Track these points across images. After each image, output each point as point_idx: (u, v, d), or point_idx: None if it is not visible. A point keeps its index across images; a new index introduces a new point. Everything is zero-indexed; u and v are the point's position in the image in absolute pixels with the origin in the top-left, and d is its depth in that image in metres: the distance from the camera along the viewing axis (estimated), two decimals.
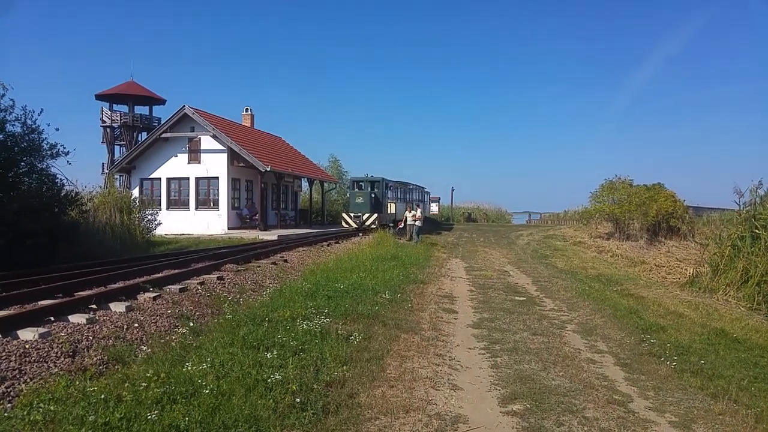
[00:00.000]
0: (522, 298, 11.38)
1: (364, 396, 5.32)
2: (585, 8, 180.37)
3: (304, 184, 39.77)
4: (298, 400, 4.90)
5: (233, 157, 28.44)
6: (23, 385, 5.06)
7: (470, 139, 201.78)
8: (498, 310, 10.00)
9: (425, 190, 45.93)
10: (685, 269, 16.66)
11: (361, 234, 26.46)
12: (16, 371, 5.28)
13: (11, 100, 14.46)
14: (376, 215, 28.42)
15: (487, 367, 6.57)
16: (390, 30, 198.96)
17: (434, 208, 55.66)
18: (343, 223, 29.26)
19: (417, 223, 25.16)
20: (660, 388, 6.00)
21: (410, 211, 26.26)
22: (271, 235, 24.52)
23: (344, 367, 6.01)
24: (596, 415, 5.08)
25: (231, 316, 8.13)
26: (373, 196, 29.12)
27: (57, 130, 15.30)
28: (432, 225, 40.11)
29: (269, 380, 5.22)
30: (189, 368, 5.50)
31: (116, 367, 5.86)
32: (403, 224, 27.16)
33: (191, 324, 7.77)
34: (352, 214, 28.77)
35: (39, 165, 14.54)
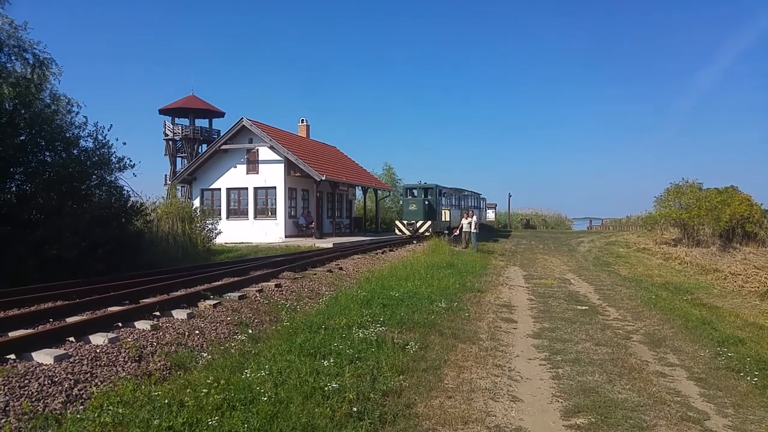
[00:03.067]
0: (584, 307, 10.99)
1: (421, 406, 5.23)
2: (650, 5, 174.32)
3: (359, 193, 40.08)
4: (355, 409, 4.87)
5: (290, 167, 29.01)
6: (94, 388, 5.25)
7: (528, 144, 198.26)
8: (559, 320, 9.68)
9: (481, 196, 45.02)
10: (765, 278, 15.66)
11: (415, 242, 26.23)
12: (88, 374, 5.49)
13: (84, 117, 15.31)
14: (429, 222, 28.02)
15: (548, 378, 6.34)
16: (443, 32, 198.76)
17: (491, 214, 54.84)
18: (397, 231, 29.12)
19: (473, 230, 24.81)
20: (740, 405, 5.61)
21: (466, 218, 25.92)
22: (327, 243, 24.79)
23: (401, 377, 5.94)
24: None
25: (288, 324, 8.22)
26: (426, 203, 28.73)
27: (124, 144, 16.14)
28: (489, 232, 39.53)
29: (326, 388, 5.21)
30: (248, 375, 5.57)
31: (178, 372, 6.01)
32: (458, 231, 26.79)
33: (250, 331, 7.90)
34: (405, 222, 28.53)
35: (108, 178, 15.29)
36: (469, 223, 25.04)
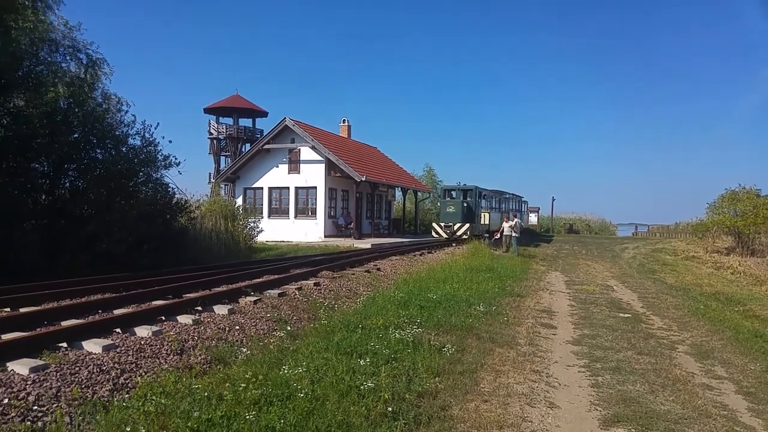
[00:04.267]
0: (627, 315, 10.70)
1: (456, 409, 5.20)
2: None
3: (398, 194, 40.10)
4: (390, 408, 4.88)
5: (330, 167, 29.29)
6: (138, 378, 5.43)
7: (571, 147, 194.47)
8: (600, 327, 9.46)
9: (522, 199, 44.20)
10: None
11: (454, 244, 25.96)
12: (133, 365, 5.68)
13: (133, 115, 15.83)
14: (468, 225, 27.41)
15: (587, 386, 6.20)
16: (487, 41, 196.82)
17: (533, 218, 54.02)
18: (433, 233, 28.59)
19: (514, 233, 24.45)
20: None
21: (507, 221, 25.57)
22: (365, 244, 24.90)
23: (437, 379, 5.92)
24: None
25: (326, 322, 8.31)
26: (465, 205, 28.10)
27: (170, 142, 16.56)
28: (530, 236, 38.92)
29: (362, 387, 5.24)
30: (285, 371, 5.65)
31: (218, 366, 6.16)
32: (499, 235, 26.37)
33: (288, 328, 8.02)
34: (442, 224, 27.97)
35: (154, 175, 15.74)
36: (510, 227, 24.70)
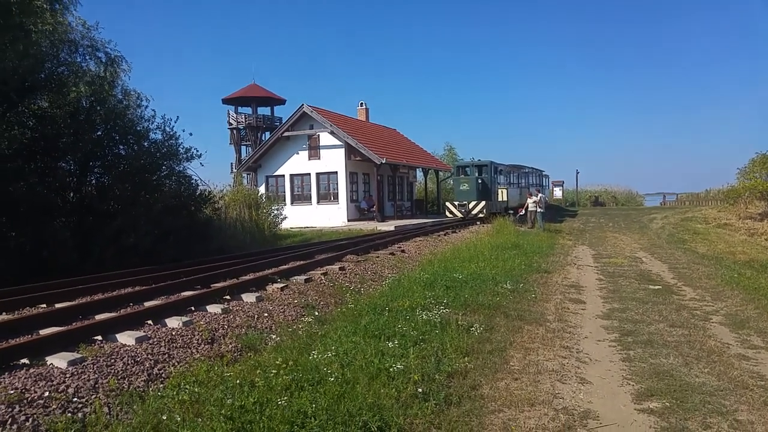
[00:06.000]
0: (657, 287, 10.53)
1: (487, 388, 5.19)
2: None
3: (419, 174, 39.96)
4: (420, 390, 4.89)
5: (350, 151, 29.29)
6: (172, 368, 5.54)
7: (595, 118, 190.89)
8: (630, 300, 9.32)
9: (543, 173, 42.84)
10: None
11: (479, 223, 25.67)
12: (166, 355, 5.80)
13: (153, 110, 16.02)
14: (483, 203, 26.11)
15: (618, 360, 6.13)
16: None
17: (558, 192, 53.33)
18: (447, 213, 27.38)
19: (539, 209, 24.19)
20: None
21: (531, 197, 25.28)
22: (388, 226, 24.92)
23: (466, 359, 5.91)
24: (751, 419, 4.51)
25: (353, 306, 8.35)
26: (480, 181, 26.75)
27: (191, 134, 16.74)
28: (555, 211, 38.43)
29: (391, 369, 5.26)
30: (315, 356, 5.70)
31: (249, 354, 6.24)
32: (524, 211, 26.03)
33: (316, 313, 8.09)
34: (456, 203, 26.76)
35: (177, 168, 15.95)
36: (535, 202, 24.43)
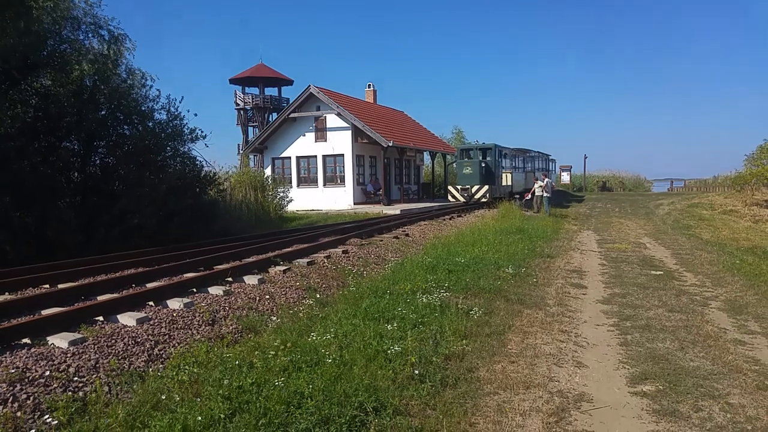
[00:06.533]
0: (659, 272, 10.52)
1: (483, 370, 5.24)
2: None
3: (426, 158, 39.81)
4: (417, 371, 4.94)
5: (357, 133, 29.16)
6: (172, 349, 5.61)
7: (603, 103, 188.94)
8: (631, 285, 9.33)
9: (550, 157, 42.09)
10: None
11: (484, 207, 25.57)
12: (167, 336, 5.87)
13: (158, 90, 15.98)
14: (487, 187, 25.48)
15: (615, 344, 6.16)
16: None
17: (566, 177, 53.05)
18: (449, 197, 26.75)
19: (545, 193, 24.10)
20: None
21: (538, 182, 25.16)
22: (394, 210, 24.92)
23: (464, 341, 5.95)
24: (742, 402, 4.54)
25: (354, 289, 8.40)
26: (483, 165, 26.01)
27: (195, 115, 16.78)
28: (562, 195, 38.25)
29: (389, 351, 5.31)
30: (314, 338, 5.76)
31: (249, 335, 6.31)
32: (530, 195, 25.89)
33: (317, 296, 8.14)
34: (459, 187, 26.04)
35: (181, 149, 15.96)
36: (541, 187, 24.34)
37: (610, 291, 8.96)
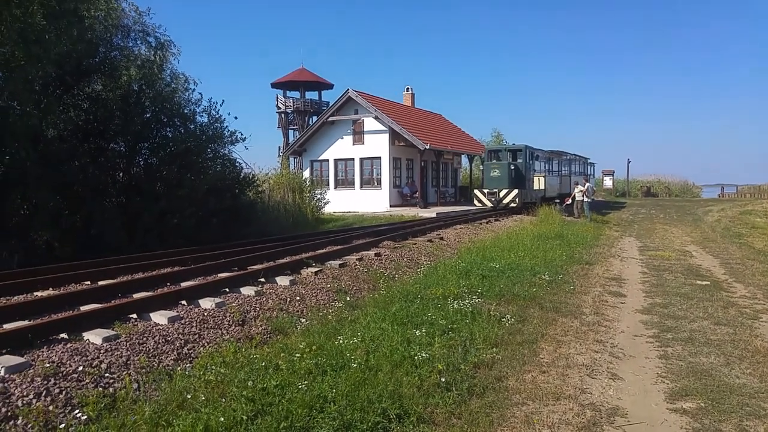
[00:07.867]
0: (705, 283, 10.07)
1: (512, 380, 5.10)
2: None
3: (464, 161, 39.45)
4: (443, 379, 4.84)
5: (394, 136, 29.16)
6: (201, 349, 5.67)
7: (648, 107, 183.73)
8: (673, 295, 8.96)
9: (589, 161, 39.75)
10: None
11: (524, 212, 24.71)
12: (196, 335, 5.94)
13: (200, 93, 16.35)
14: (516, 191, 23.54)
15: (654, 357, 5.90)
16: None
17: (608, 182, 51.75)
18: (475, 202, 24.97)
19: (586, 198, 23.53)
20: None
21: (578, 186, 24.59)
22: (430, 213, 24.76)
23: (494, 350, 5.82)
24: None
25: (385, 292, 8.35)
26: (512, 167, 24.21)
27: (236, 118, 17.02)
28: (603, 204, 37.21)
29: (416, 358, 5.23)
30: (341, 341, 5.72)
31: (278, 337, 6.31)
32: (570, 201, 25.23)
33: (348, 298, 8.12)
34: (486, 191, 24.27)
35: (222, 151, 16.28)
36: (582, 192, 23.77)
37: (650, 300, 8.62)
